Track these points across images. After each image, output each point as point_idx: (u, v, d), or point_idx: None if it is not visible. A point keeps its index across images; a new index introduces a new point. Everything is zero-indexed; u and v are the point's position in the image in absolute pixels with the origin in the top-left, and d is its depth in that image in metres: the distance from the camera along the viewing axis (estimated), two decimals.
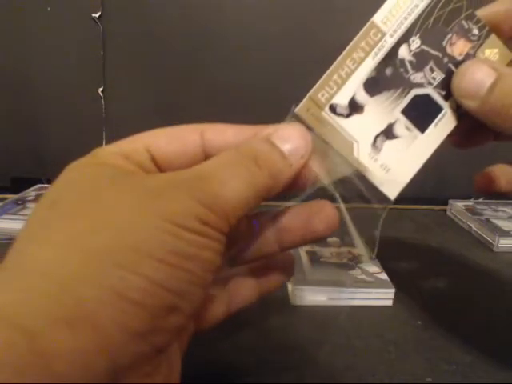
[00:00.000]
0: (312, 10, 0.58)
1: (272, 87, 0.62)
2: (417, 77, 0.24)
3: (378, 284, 0.37)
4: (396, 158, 0.24)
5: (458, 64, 0.24)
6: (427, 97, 0.24)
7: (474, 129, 0.26)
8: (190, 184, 0.19)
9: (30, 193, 0.56)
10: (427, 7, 0.24)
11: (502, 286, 0.42)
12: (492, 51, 0.25)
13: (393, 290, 0.37)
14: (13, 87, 0.63)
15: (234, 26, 0.61)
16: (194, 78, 0.63)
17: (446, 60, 0.24)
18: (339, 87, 0.24)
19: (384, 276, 0.38)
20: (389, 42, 0.24)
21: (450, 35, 0.24)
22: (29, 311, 0.15)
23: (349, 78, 0.24)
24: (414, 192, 0.29)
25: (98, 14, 0.60)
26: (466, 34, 0.24)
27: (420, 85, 0.24)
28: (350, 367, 0.30)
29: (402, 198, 0.24)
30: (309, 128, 0.23)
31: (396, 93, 0.24)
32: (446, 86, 0.24)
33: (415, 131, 0.24)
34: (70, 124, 0.64)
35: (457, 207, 0.58)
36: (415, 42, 0.24)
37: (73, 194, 0.19)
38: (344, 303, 0.36)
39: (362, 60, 0.24)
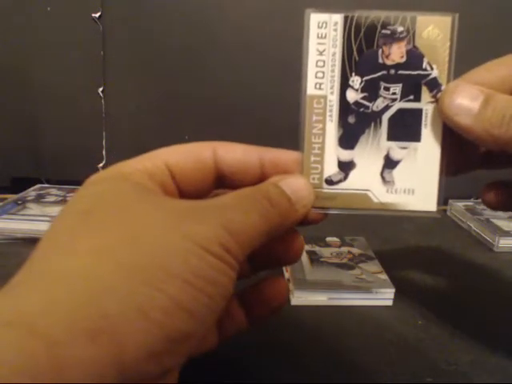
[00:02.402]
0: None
1: (272, 87, 0.62)
2: (378, 104, 0.24)
3: (378, 284, 0.37)
4: (412, 177, 0.25)
5: (406, 65, 0.24)
6: (400, 111, 0.24)
7: (459, 156, 0.26)
8: (216, 210, 0.20)
9: (30, 193, 0.56)
10: (343, 47, 0.24)
11: (502, 286, 0.42)
12: (428, 30, 0.24)
13: (393, 290, 0.37)
14: (13, 87, 0.63)
15: (234, 26, 0.61)
16: (194, 78, 0.63)
17: (393, 71, 0.24)
18: (321, 163, 0.25)
19: (384, 276, 0.38)
20: (334, 99, 0.24)
21: (380, 51, 0.24)
22: (52, 321, 0.15)
23: (324, 151, 0.25)
24: None
25: (98, 14, 0.60)
26: (392, 38, 0.24)
27: (386, 107, 0.24)
28: (351, 367, 0.30)
29: None
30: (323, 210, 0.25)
31: (371, 129, 0.24)
32: (410, 90, 0.24)
33: (412, 144, 0.24)
34: (70, 124, 0.64)
35: (457, 207, 0.58)
36: (356, 80, 0.24)
37: (103, 207, 0.19)
38: (344, 303, 0.36)
39: (323, 129, 0.24)
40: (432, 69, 0.24)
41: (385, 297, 0.37)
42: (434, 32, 0.24)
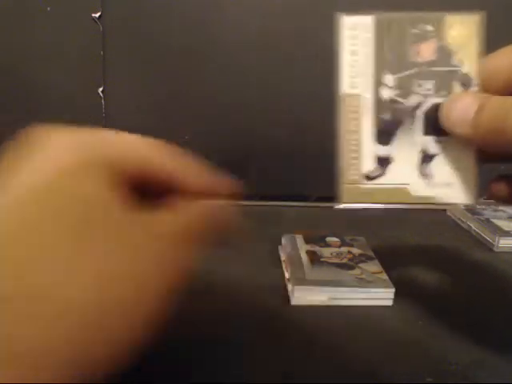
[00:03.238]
0: (312, 8, 0.59)
1: (272, 87, 0.62)
2: (412, 100, 0.25)
3: (378, 284, 0.37)
4: (449, 170, 0.25)
5: (437, 62, 0.25)
6: (434, 106, 0.25)
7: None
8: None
9: None
10: (375, 47, 0.25)
11: (502, 286, 0.42)
12: (457, 28, 0.25)
13: (393, 290, 0.37)
14: (13, 87, 0.63)
15: (234, 26, 0.61)
16: (194, 78, 0.63)
17: (424, 69, 0.25)
18: (360, 159, 0.25)
19: (384, 276, 0.38)
20: (368, 96, 0.25)
21: (411, 49, 0.25)
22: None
23: (362, 147, 0.25)
24: None
25: (98, 14, 0.60)
26: (422, 37, 0.25)
27: (420, 103, 0.25)
28: (350, 367, 0.30)
29: None
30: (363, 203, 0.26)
31: (406, 125, 0.25)
32: (442, 86, 0.25)
33: (447, 138, 0.25)
34: (70, 124, 0.64)
35: (457, 207, 0.58)
36: (389, 79, 0.25)
37: (94, 231, 0.18)
38: (344, 303, 0.36)
39: (360, 125, 0.25)
40: (462, 65, 0.25)
41: (385, 297, 0.37)
42: (462, 30, 0.25)
